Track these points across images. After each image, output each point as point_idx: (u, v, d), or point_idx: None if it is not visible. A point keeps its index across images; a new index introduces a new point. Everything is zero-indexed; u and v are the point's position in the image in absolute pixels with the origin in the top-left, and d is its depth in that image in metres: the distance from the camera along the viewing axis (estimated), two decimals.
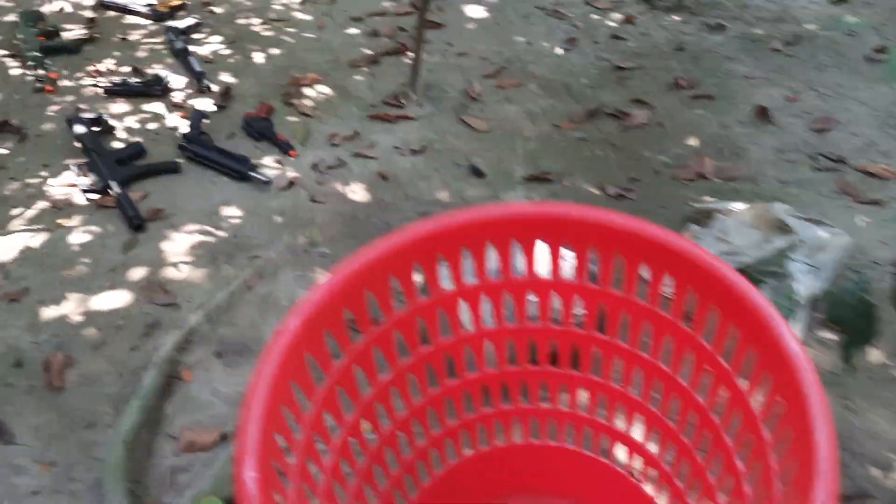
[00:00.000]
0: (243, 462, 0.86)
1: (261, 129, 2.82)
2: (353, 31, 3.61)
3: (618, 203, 2.63)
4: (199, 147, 2.67)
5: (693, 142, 2.97)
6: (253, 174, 2.58)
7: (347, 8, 3.80)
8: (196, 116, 2.80)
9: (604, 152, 2.90)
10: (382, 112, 3.04)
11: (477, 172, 2.76)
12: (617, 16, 3.86)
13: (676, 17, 3.87)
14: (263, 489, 0.86)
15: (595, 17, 3.85)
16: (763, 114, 3.05)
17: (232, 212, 2.47)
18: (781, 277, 2.06)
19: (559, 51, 3.54)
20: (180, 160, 2.67)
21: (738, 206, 2.38)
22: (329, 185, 2.63)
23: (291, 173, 2.66)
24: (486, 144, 2.91)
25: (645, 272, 1.20)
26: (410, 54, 3.42)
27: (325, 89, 3.16)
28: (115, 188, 2.44)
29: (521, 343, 1.39)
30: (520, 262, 1.28)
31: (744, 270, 1.51)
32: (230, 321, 2.08)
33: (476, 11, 3.84)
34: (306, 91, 3.14)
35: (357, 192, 2.61)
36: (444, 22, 3.72)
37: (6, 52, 3.19)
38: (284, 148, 2.76)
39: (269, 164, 2.70)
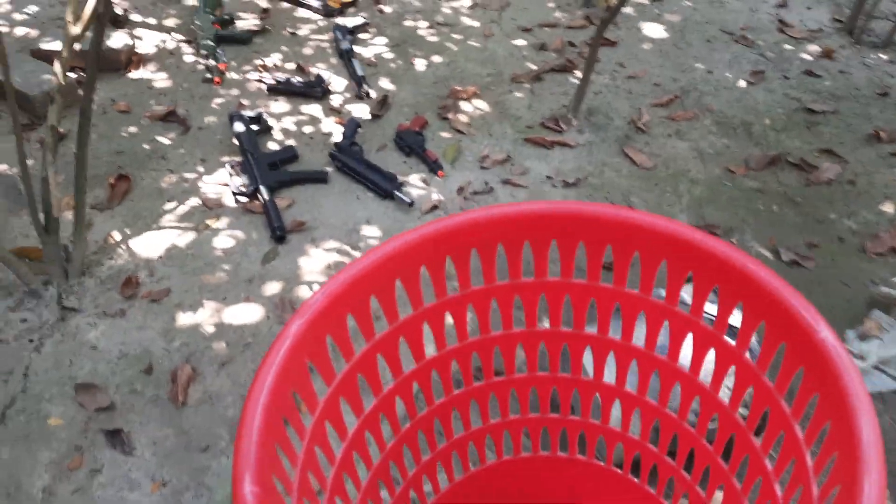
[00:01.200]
0: (242, 477, 0.77)
1: (412, 144, 2.74)
2: (519, 42, 3.45)
3: (790, 271, 2.33)
4: (349, 158, 2.63)
5: (889, 208, 2.58)
6: (397, 194, 2.50)
7: (517, 16, 3.64)
8: (350, 125, 2.75)
9: (781, 208, 2.58)
10: (539, 135, 2.87)
11: None
12: (814, 48, 3.45)
13: (883, 56, 3.41)
14: None
15: (788, 47, 3.46)
16: None
17: (371, 231, 2.40)
18: None
19: (742, 83, 3.20)
20: (329, 169, 2.64)
21: None
22: None
23: (436, 195, 2.56)
24: (646, 183, 2.68)
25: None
26: (577, 73, 3.22)
27: (482, 105, 3.04)
28: (265, 194, 2.44)
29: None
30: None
31: None
32: None
33: (655, 31, 3.57)
34: (463, 105, 3.02)
35: None
36: (618, 39, 3.48)
37: (183, 38, 3.30)
38: (433, 167, 2.67)
39: (415, 183, 2.61)
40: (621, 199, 2.60)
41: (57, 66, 1.92)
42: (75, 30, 1.90)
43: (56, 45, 2.97)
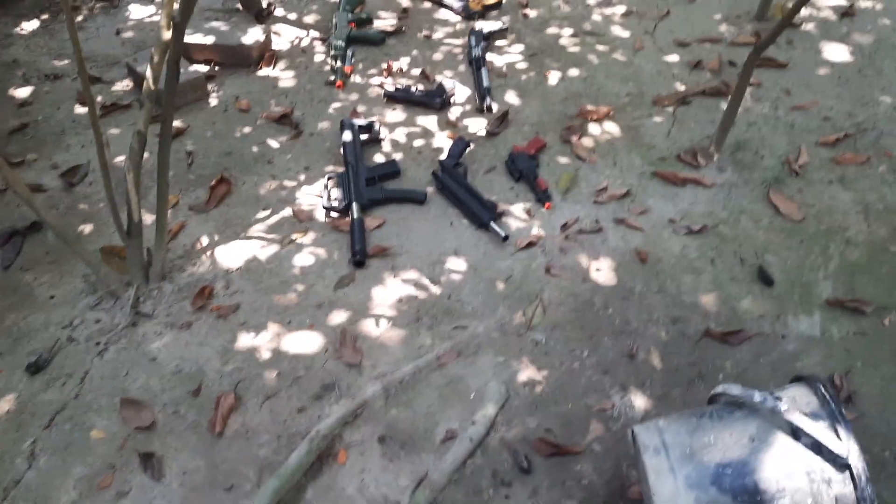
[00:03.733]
0: None
1: (523, 169, 2.51)
2: (672, 58, 3.08)
3: None
4: (451, 180, 2.45)
5: None
6: (493, 226, 2.29)
7: (676, 28, 3.25)
8: (458, 145, 2.57)
9: None
10: (671, 170, 2.53)
11: (765, 278, 2.15)
12: None
13: None
14: None
15: None
16: None
17: (457, 265, 2.22)
18: None
19: None
20: (430, 189, 2.48)
21: None
22: (573, 254, 2.24)
23: (536, 230, 2.32)
24: (789, 239, 2.27)
25: None
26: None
27: (612, 128, 2.73)
28: (355, 212, 2.33)
29: None
30: None
31: None
32: (407, 402, 1.85)
33: (837, 53, 3.04)
34: (591, 128, 2.73)
35: (602, 271, 2.19)
36: (789, 61, 3.01)
37: (318, 35, 3.27)
38: (541, 197, 2.42)
39: (517, 214, 2.39)
40: (753, 257, 2.22)
41: (148, 72, 1.90)
42: (167, 35, 1.87)
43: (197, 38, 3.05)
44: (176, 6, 1.78)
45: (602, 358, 1.95)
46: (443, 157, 2.60)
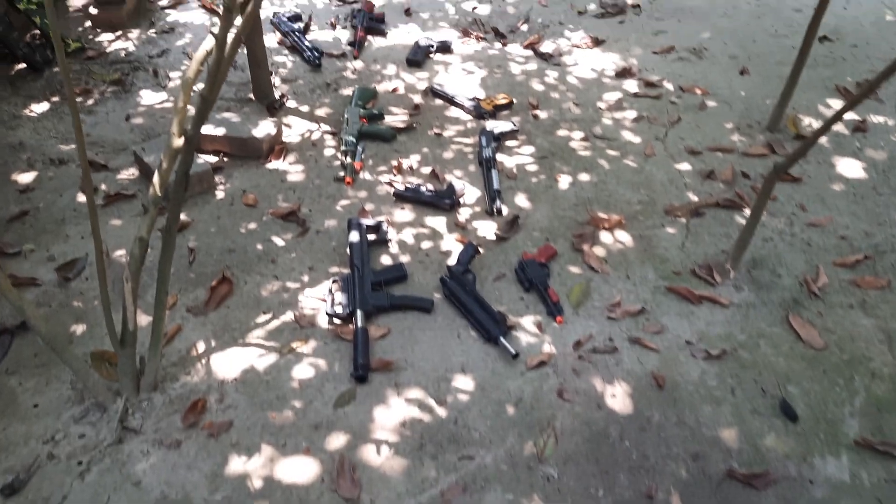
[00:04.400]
0: None
1: (534, 279, 2.44)
2: (683, 166, 3.05)
3: None
4: (459, 287, 2.37)
5: None
6: (503, 341, 2.20)
7: (687, 135, 3.24)
8: (467, 250, 2.51)
9: None
10: (686, 285, 2.46)
11: (788, 412, 2.05)
12: None
13: None
14: None
15: None
16: None
17: (464, 383, 2.11)
18: None
19: None
20: (437, 296, 2.40)
21: None
22: (587, 376, 2.14)
23: (547, 347, 2.23)
24: (812, 369, 2.18)
25: None
26: (747, 212, 2.77)
27: (625, 237, 2.67)
28: (359, 320, 2.24)
29: None
30: None
31: None
32: None
33: (851, 169, 3.02)
34: (603, 236, 2.67)
35: (617, 397, 2.09)
36: (802, 175, 2.98)
37: (329, 129, 3.24)
38: (553, 310, 2.34)
39: (528, 327, 2.30)
40: (775, 387, 2.12)
41: (156, 178, 1.84)
42: (178, 143, 1.81)
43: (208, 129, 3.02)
44: (190, 109, 1.73)
45: (619, 498, 1.83)
46: (451, 261, 2.53)
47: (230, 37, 1.63)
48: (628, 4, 4.36)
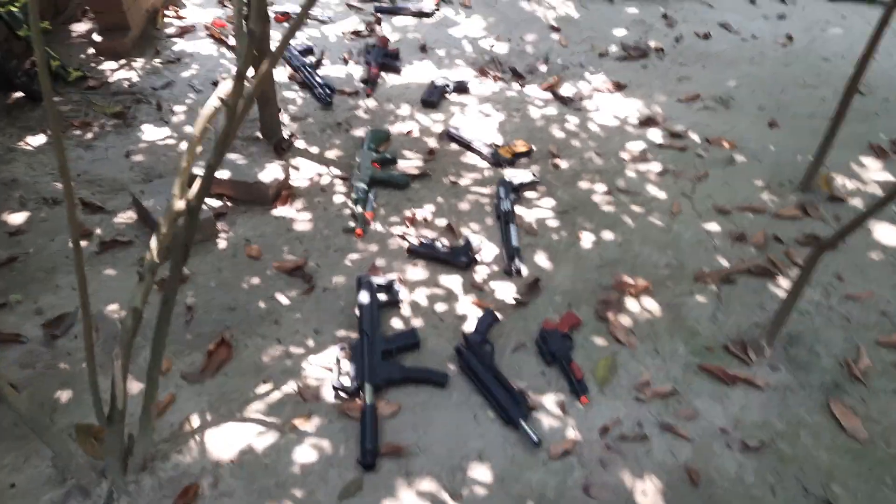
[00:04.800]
0: None
1: (556, 351, 2.27)
2: (712, 226, 2.89)
3: None
4: (476, 360, 2.21)
5: None
6: (523, 425, 2.02)
7: (715, 192, 3.08)
8: (485, 319, 2.34)
9: None
10: (719, 364, 2.29)
11: None
12: None
13: None
14: None
15: None
16: None
17: (481, 473, 1.94)
18: None
19: None
20: (451, 367, 2.23)
21: None
22: (614, 469, 1.97)
23: (572, 432, 2.06)
24: (857, 463, 2.00)
25: None
26: (781, 281, 2.61)
27: (652, 306, 2.50)
28: (368, 396, 2.07)
29: None
30: None
31: None
32: None
33: (889, 235, 2.86)
34: (629, 303, 2.51)
35: (648, 495, 1.91)
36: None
37: (340, 174, 3.08)
38: (577, 388, 2.17)
39: (550, 408, 2.13)
40: (818, 486, 1.94)
41: (153, 242, 1.67)
42: (180, 204, 1.65)
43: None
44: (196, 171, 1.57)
45: None
46: (467, 326, 2.36)
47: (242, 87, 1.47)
48: (651, 48, 4.23)
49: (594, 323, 2.44)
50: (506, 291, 2.55)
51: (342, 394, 2.13)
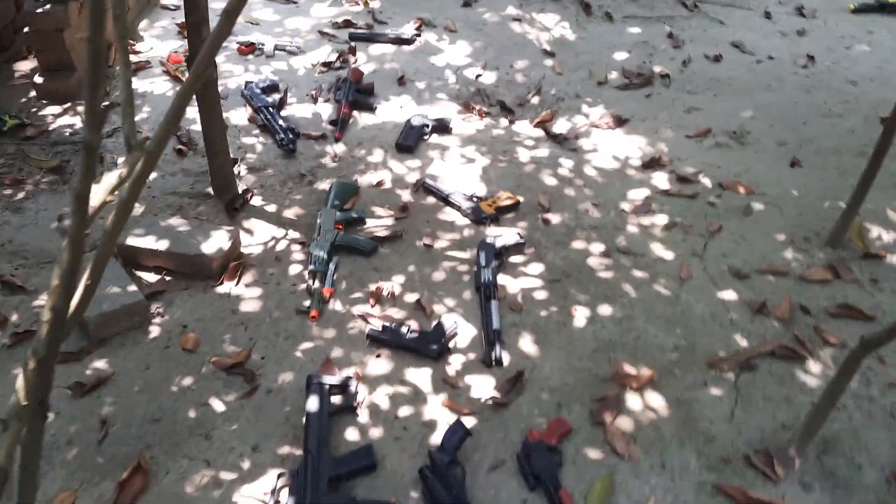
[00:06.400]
0: None
1: (540, 472, 1.88)
2: (727, 294, 2.48)
3: None
4: (443, 489, 1.81)
5: None
6: None
7: (729, 250, 2.67)
8: (455, 433, 1.95)
9: None
10: (738, 481, 1.89)
11: None
12: None
13: None
14: None
15: None
16: None
17: None
18: None
19: None
20: (414, 496, 1.84)
21: None
22: None
23: None
24: None
25: None
26: (811, 365, 2.20)
27: (658, 403, 2.10)
28: None
29: None
30: None
31: None
32: None
33: None
34: (630, 400, 2.11)
35: None
36: (874, 311, 2.40)
37: (298, 238, 2.70)
38: None
39: None
40: None
41: (20, 382, 1.29)
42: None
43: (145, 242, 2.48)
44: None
45: None
46: (435, 437, 1.97)
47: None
48: (656, 74, 3.81)
49: (588, 429, 2.04)
50: (483, 387, 2.15)
51: None
